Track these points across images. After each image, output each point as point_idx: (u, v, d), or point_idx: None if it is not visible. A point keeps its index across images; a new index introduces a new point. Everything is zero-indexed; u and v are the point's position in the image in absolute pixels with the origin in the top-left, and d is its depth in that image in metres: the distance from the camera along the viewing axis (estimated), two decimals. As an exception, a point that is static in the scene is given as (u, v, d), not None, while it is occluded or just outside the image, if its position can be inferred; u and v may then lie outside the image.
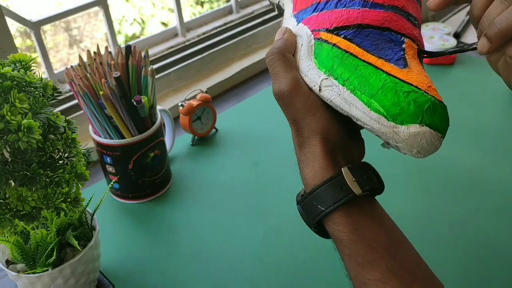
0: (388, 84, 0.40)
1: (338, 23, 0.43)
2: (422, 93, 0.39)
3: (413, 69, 0.41)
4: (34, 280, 0.54)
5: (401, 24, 0.43)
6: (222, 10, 1.14)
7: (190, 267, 0.64)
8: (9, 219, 0.48)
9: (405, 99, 0.39)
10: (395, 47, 0.42)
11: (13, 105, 0.44)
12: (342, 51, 0.42)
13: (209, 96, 0.87)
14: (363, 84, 0.40)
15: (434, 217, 0.69)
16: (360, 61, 0.41)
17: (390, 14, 0.43)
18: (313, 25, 0.44)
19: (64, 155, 0.50)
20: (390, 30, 0.43)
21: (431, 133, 0.40)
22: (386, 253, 0.37)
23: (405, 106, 0.39)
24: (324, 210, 0.38)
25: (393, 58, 0.41)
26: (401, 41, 0.43)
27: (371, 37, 0.42)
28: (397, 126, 0.39)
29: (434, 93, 0.40)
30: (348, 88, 0.41)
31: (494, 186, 0.73)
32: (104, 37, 2.15)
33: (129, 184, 0.74)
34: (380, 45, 0.42)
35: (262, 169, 0.81)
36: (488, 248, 0.64)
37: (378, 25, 0.43)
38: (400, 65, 0.41)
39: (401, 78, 0.40)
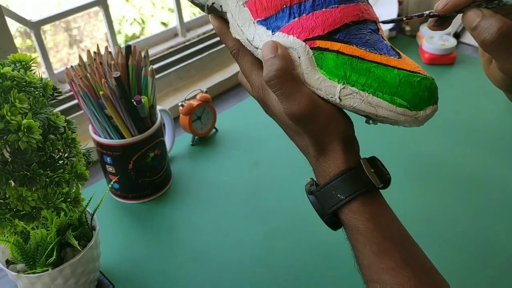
0: (403, 79, 0.41)
1: (329, 27, 0.42)
2: (425, 77, 0.42)
3: (403, 56, 0.43)
4: (34, 280, 0.54)
5: (370, 11, 0.44)
6: (222, 10, 1.14)
7: (190, 267, 0.64)
8: (9, 219, 0.48)
9: (420, 87, 0.41)
10: (377, 36, 0.43)
11: (13, 105, 0.44)
12: (348, 57, 0.42)
13: (209, 96, 0.87)
14: (382, 85, 0.41)
15: (434, 217, 0.69)
16: (369, 63, 0.42)
17: (360, 5, 0.43)
18: (302, 34, 0.43)
19: (64, 155, 0.50)
20: (367, 21, 0.43)
21: (436, 108, 0.42)
22: (400, 243, 0.38)
23: (422, 94, 0.41)
24: (344, 199, 0.39)
25: (388, 51, 0.43)
26: (376, 28, 0.44)
27: (359, 34, 0.43)
28: (418, 113, 0.41)
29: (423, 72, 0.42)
30: (369, 92, 0.41)
31: (494, 186, 0.73)
32: (104, 37, 2.15)
33: (129, 184, 0.74)
34: (370, 40, 0.43)
35: (262, 169, 0.81)
36: (489, 248, 0.64)
37: (358, 19, 0.43)
38: (395, 55, 0.42)
39: (408, 69, 0.42)
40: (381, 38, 0.43)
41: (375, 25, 0.43)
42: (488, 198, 0.72)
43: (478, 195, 0.72)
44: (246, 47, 0.46)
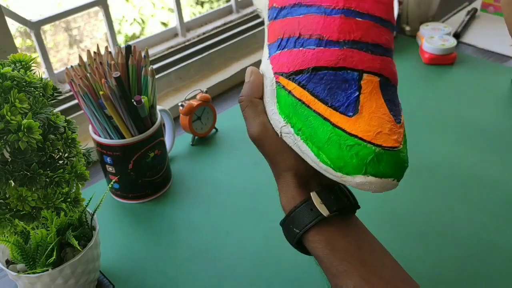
0: (333, 137, 0.41)
1: (295, 67, 0.43)
2: (365, 145, 0.40)
3: (363, 115, 0.41)
4: (34, 280, 0.54)
5: (358, 59, 0.42)
6: (222, 10, 1.14)
7: (190, 267, 0.64)
8: (9, 219, 0.48)
9: (348, 153, 0.40)
10: (349, 88, 0.42)
11: (13, 105, 0.44)
12: (295, 99, 0.43)
13: (209, 96, 0.87)
14: (313, 136, 0.42)
15: (434, 216, 0.69)
16: (310, 111, 0.42)
17: (345, 51, 0.42)
18: (275, 67, 0.45)
19: (64, 155, 0.50)
20: (346, 69, 0.42)
21: (378, 181, 0.41)
22: (358, 263, 0.41)
23: (348, 160, 0.40)
24: (298, 232, 0.43)
25: (344, 104, 0.41)
26: (357, 78, 0.42)
27: (325, 80, 0.42)
28: (344, 176, 0.41)
29: (383, 139, 0.40)
30: (301, 137, 0.42)
31: (494, 186, 0.73)
32: (104, 37, 2.15)
33: (129, 184, 0.74)
34: (333, 88, 0.42)
35: (262, 169, 0.81)
36: (489, 248, 0.64)
37: (332, 65, 0.42)
38: (349, 111, 0.41)
39: (347, 129, 0.41)
40: (354, 89, 0.42)
41: (358, 74, 0.42)
42: (488, 198, 0.72)
43: (478, 195, 0.72)
44: None
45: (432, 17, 1.21)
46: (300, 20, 0.44)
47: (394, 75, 0.45)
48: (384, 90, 0.43)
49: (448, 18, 1.28)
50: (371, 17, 0.44)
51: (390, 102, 0.43)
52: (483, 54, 1.10)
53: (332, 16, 0.43)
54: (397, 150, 0.41)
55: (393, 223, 0.68)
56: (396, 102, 0.44)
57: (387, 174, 0.41)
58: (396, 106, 0.43)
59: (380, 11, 0.44)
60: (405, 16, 1.21)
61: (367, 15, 0.44)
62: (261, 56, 1.18)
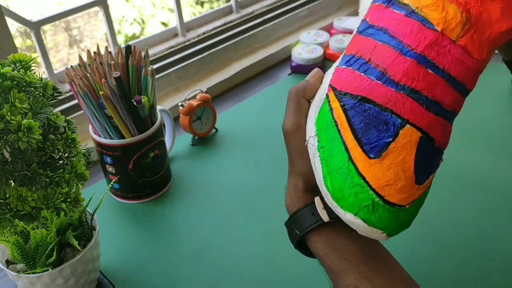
0: (344, 169, 0.41)
1: (348, 88, 0.43)
2: (367, 190, 0.40)
3: (383, 162, 0.40)
4: (34, 280, 0.54)
5: (409, 109, 0.41)
6: (222, 10, 1.14)
7: (190, 267, 0.64)
8: (9, 219, 0.48)
9: (349, 189, 0.41)
10: (385, 131, 0.41)
11: (13, 105, 0.44)
12: (332, 118, 0.43)
13: (209, 96, 0.87)
14: (328, 159, 0.42)
15: (434, 216, 0.69)
16: (338, 135, 0.42)
17: (399, 95, 0.41)
18: (334, 79, 0.45)
19: (64, 155, 0.50)
20: (392, 112, 0.40)
21: (366, 228, 0.41)
22: (358, 262, 0.42)
23: (346, 195, 0.41)
24: (298, 234, 0.45)
25: (371, 144, 0.41)
26: (398, 125, 0.40)
27: (367, 113, 0.41)
28: (338, 208, 0.42)
29: (388, 192, 0.40)
30: (320, 155, 0.43)
31: (494, 186, 0.73)
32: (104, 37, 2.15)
33: (129, 184, 0.74)
34: (370, 124, 0.41)
35: (262, 169, 0.81)
36: (489, 248, 0.64)
37: (380, 103, 0.41)
38: (372, 153, 0.40)
39: (359, 168, 0.41)
40: (390, 135, 0.40)
41: (401, 121, 0.40)
42: (488, 198, 0.72)
43: (478, 195, 0.72)
44: None
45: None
46: (377, 46, 0.43)
47: (443, 137, 0.42)
48: (421, 149, 0.41)
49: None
50: (444, 73, 0.41)
51: (422, 161, 0.41)
52: (483, 54, 1.10)
53: (405, 57, 0.42)
54: (399, 208, 0.41)
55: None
56: (431, 164, 0.42)
57: (377, 226, 0.41)
58: (427, 168, 0.42)
59: (458, 71, 0.42)
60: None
61: (441, 70, 0.41)
62: (262, 56, 1.18)
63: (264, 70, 1.12)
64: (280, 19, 1.18)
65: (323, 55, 1.07)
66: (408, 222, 0.43)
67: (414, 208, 0.43)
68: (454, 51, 0.41)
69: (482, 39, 0.42)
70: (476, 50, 0.42)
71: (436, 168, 0.43)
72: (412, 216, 0.43)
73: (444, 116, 0.42)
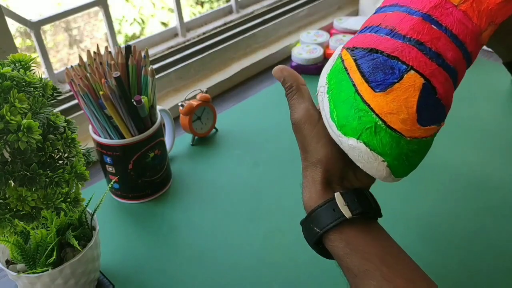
0: (351, 99, 0.45)
1: (359, 44, 0.47)
2: (371, 114, 0.43)
3: (388, 96, 0.44)
4: (34, 280, 0.54)
5: (414, 57, 0.45)
6: (222, 10, 1.14)
7: (190, 266, 0.64)
8: (9, 219, 0.48)
9: (354, 114, 0.44)
10: (392, 74, 0.44)
11: (13, 105, 0.44)
12: (343, 66, 0.47)
13: (209, 96, 0.87)
14: (336, 95, 0.46)
15: (434, 216, 0.69)
16: (347, 77, 0.46)
17: (406, 45, 0.45)
18: (347, 43, 0.49)
19: (64, 155, 0.50)
20: (398, 59, 0.45)
21: (367, 152, 0.44)
22: (379, 263, 0.40)
23: (351, 120, 0.44)
24: (318, 232, 0.43)
25: (377, 82, 0.44)
26: (403, 70, 0.44)
27: (375, 61, 0.45)
28: (342, 136, 0.44)
29: (391, 119, 0.43)
30: (329, 95, 0.47)
31: (494, 186, 0.73)
32: (104, 37, 2.15)
33: (129, 184, 0.74)
34: (378, 69, 0.45)
35: (262, 169, 0.81)
36: (489, 247, 0.64)
37: (388, 52, 0.45)
38: (377, 88, 0.44)
39: (365, 98, 0.44)
40: (395, 77, 0.44)
41: (406, 67, 0.44)
42: (487, 197, 0.72)
43: (478, 195, 0.72)
44: None
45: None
46: (387, 15, 0.48)
47: (444, 90, 0.46)
48: (424, 95, 0.44)
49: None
50: (447, 30, 0.47)
51: (425, 106, 0.44)
52: (483, 54, 1.10)
53: (412, 16, 0.47)
54: (400, 135, 0.43)
55: (393, 223, 0.68)
56: (434, 113, 0.45)
57: (378, 150, 0.43)
58: (429, 114, 0.45)
59: (459, 30, 0.47)
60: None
61: (444, 27, 0.47)
62: (262, 56, 1.18)
63: (264, 70, 1.12)
64: (280, 19, 1.18)
65: (323, 55, 1.07)
66: (410, 159, 0.45)
67: (416, 147, 0.45)
68: (456, 13, 0.47)
69: (481, 8, 0.47)
70: (476, 16, 0.47)
71: (438, 122, 0.46)
72: (415, 156, 0.45)
73: (446, 69, 0.46)
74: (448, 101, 0.47)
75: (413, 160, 0.46)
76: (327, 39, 1.13)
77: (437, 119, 0.46)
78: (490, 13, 0.48)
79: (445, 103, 0.47)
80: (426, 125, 0.45)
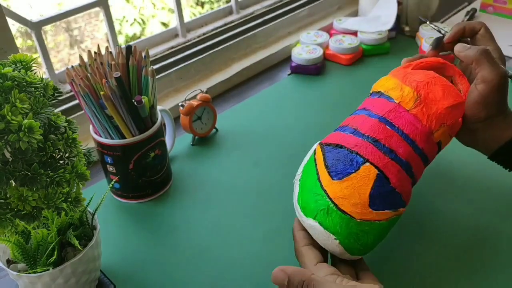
0: (312, 185, 0.54)
1: (331, 140, 0.58)
2: (326, 198, 0.52)
3: (343, 184, 0.53)
4: (35, 280, 0.54)
5: (370, 151, 0.54)
6: (222, 11, 1.14)
7: (190, 266, 0.65)
8: (10, 219, 0.48)
9: (312, 198, 0.53)
10: (350, 166, 0.54)
11: (14, 105, 0.44)
12: (314, 159, 0.57)
13: (209, 96, 0.87)
14: (304, 183, 0.56)
15: (434, 216, 0.69)
16: (314, 168, 0.56)
17: (364, 142, 0.55)
18: (323, 140, 0.59)
19: (65, 155, 0.50)
20: (357, 154, 0.54)
21: (322, 230, 0.52)
22: None
23: (310, 203, 0.53)
24: None
25: (336, 172, 0.54)
26: (361, 163, 0.54)
27: (339, 154, 0.55)
28: (303, 217, 0.53)
29: (342, 203, 0.52)
30: (299, 183, 0.57)
31: (493, 186, 0.73)
32: (105, 37, 2.15)
33: (129, 184, 0.74)
34: (339, 161, 0.54)
35: (262, 169, 0.81)
36: (489, 247, 0.64)
37: (348, 147, 0.55)
38: (335, 177, 0.53)
39: (323, 185, 0.53)
40: (353, 168, 0.54)
41: (363, 160, 0.54)
42: (488, 197, 0.72)
43: (478, 195, 0.72)
44: None
45: (431, 17, 1.22)
46: (355, 117, 0.60)
47: (398, 180, 0.54)
48: (377, 185, 0.53)
49: (448, 18, 1.28)
50: (399, 130, 0.56)
51: (378, 193, 0.52)
52: (483, 54, 1.10)
53: (371, 118, 0.58)
54: (350, 217, 0.51)
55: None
56: (387, 200, 0.53)
57: (330, 229, 0.52)
58: (382, 200, 0.53)
59: (410, 130, 0.57)
60: (405, 17, 1.21)
61: (396, 127, 0.57)
62: (262, 56, 1.19)
63: (264, 70, 1.12)
64: (280, 20, 1.18)
65: (322, 56, 1.08)
66: (361, 238, 0.52)
67: (368, 228, 0.52)
68: (407, 116, 0.57)
69: (430, 112, 0.58)
70: (425, 119, 0.58)
71: (395, 207, 0.54)
72: (366, 237, 0.52)
73: (399, 162, 0.55)
74: (404, 189, 0.55)
75: (365, 240, 0.52)
76: (327, 40, 1.13)
77: (393, 205, 0.53)
78: (440, 117, 0.58)
79: (400, 191, 0.54)
80: (378, 210, 0.52)
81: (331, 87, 1.02)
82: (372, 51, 1.12)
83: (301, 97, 1.00)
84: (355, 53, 1.10)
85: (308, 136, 0.86)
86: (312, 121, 0.91)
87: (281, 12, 1.20)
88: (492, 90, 0.59)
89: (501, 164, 0.65)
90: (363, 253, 0.53)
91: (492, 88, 0.59)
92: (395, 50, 1.14)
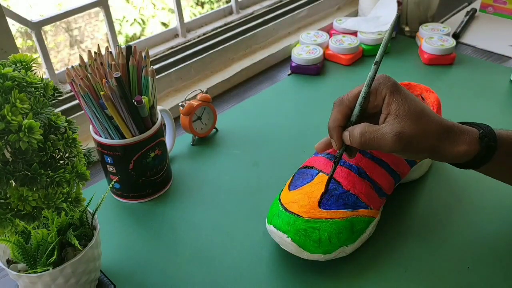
0: (274, 201, 0.65)
1: (306, 163, 0.67)
2: (278, 204, 0.62)
3: (296, 192, 0.62)
4: (35, 280, 0.54)
5: (322, 163, 0.64)
6: (222, 11, 1.14)
7: (190, 266, 0.65)
8: (10, 219, 0.48)
9: (271, 208, 0.64)
10: (307, 178, 0.63)
11: (14, 105, 0.44)
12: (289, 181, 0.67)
13: (209, 96, 0.87)
14: (274, 201, 0.66)
15: (434, 215, 0.69)
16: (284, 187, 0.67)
17: (319, 157, 0.65)
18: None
19: (65, 155, 0.50)
20: (312, 168, 0.65)
21: (276, 231, 0.60)
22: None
23: (269, 213, 0.63)
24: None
25: (296, 185, 0.64)
26: (315, 174, 0.63)
27: (302, 173, 0.65)
28: (267, 225, 0.63)
29: (291, 206, 0.60)
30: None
31: (494, 186, 0.73)
32: (105, 37, 2.15)
33: (129, 184, 0.74)
34: (301, 177, 0.64)
35: (262, 169, 0.81)
36: (489, 247, 0.64)
37: (309, 165, 0.66)
38: (292, 188, 0.64)
39: (280, 197, 0.64)
40: (309, 180, 0.63)
41: (318, 172, 0.64)
42: (487, 198, 0.72)
43: (478, 195, 0.72)
44: None
45: (431, 17, 1.22)
46: (316, 158, 0.67)
47: (349, 183, 0.61)
48: (329, 189, 0.61)
49: (447, 18, 1.28)
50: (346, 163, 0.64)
51: (329, 195, 0.60)
52: (482, 54, 1.10)
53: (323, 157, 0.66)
54: (296, 216, 0.58)
55: (393, 223, 0.69)
56: (339, 201, 0.60)
57: (282, 229, 0.59)
58: (334, 201, 0.60)
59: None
60: (405, 17, 1.21)
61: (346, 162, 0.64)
62: (262, 57, 1.19)
63: (264, 70, 1.12)
64: (280, 20, 1.18)
65: (322, 56, 1.08)
66: (310, 234, 0.58)
67: (318, 225, 0.58)
68: None
69: None
70: None
71: (351, 208, 0.60)
72: (317, 233, 0.58)
73: (349, 167, 0.63)
74: (360, 191, 0.61)
75: (316, 236, 0.57)
76: (327, 40, 1.13)
77: (348, 205, 0.60)
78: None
79: (355, 193, 0.61)
80: (330, 209, 0.59)
81: (331, 87, 1.02)
82: (372, 51, 1.12)
83: (301, 97, 1.00)
84: (355, 53, 1.10)
85: (308, 136, 0.87)
86: (312, 121, 0.91)
87: (281, 12, 1.20)
88: (407, 146, 0.54)
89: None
90: (324, 250, 0.58)
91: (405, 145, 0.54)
92: (395, 50, 1.14)
